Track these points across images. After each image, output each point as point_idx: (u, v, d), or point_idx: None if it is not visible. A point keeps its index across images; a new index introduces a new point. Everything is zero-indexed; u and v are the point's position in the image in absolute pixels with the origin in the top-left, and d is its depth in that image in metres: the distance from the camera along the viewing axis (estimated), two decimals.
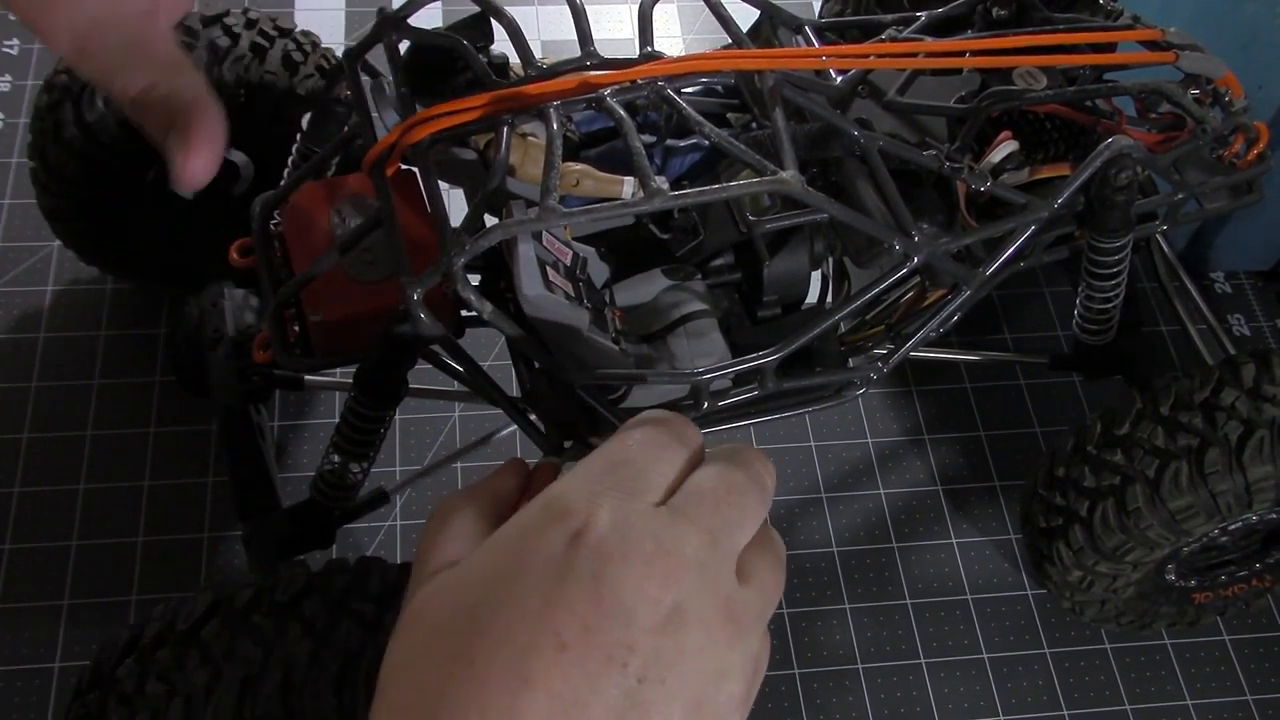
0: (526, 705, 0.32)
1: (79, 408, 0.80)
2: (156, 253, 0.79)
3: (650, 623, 0.33)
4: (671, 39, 1.07)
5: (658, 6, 0.60)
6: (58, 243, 0.81)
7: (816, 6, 0.90)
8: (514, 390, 0.61)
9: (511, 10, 0.57)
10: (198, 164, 0.47)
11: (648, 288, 0.60)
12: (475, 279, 0.62)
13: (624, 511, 0.35)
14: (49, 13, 0.48)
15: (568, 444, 0.53)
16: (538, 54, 0.56)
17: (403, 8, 0.57)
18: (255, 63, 0.70)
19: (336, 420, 0.60)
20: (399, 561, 0.58)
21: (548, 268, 0.53)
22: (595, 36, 0.57)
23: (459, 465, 0.80)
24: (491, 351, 0.84)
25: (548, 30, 1.04)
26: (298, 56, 0.72)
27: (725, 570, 0.36)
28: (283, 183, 0.58)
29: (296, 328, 0.58)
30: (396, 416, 0.72)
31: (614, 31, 1.06)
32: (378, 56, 0.58)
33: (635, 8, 0.60)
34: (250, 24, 0.72)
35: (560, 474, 0.45)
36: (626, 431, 0.39)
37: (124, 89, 0.50)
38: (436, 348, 0.56)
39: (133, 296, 0.85)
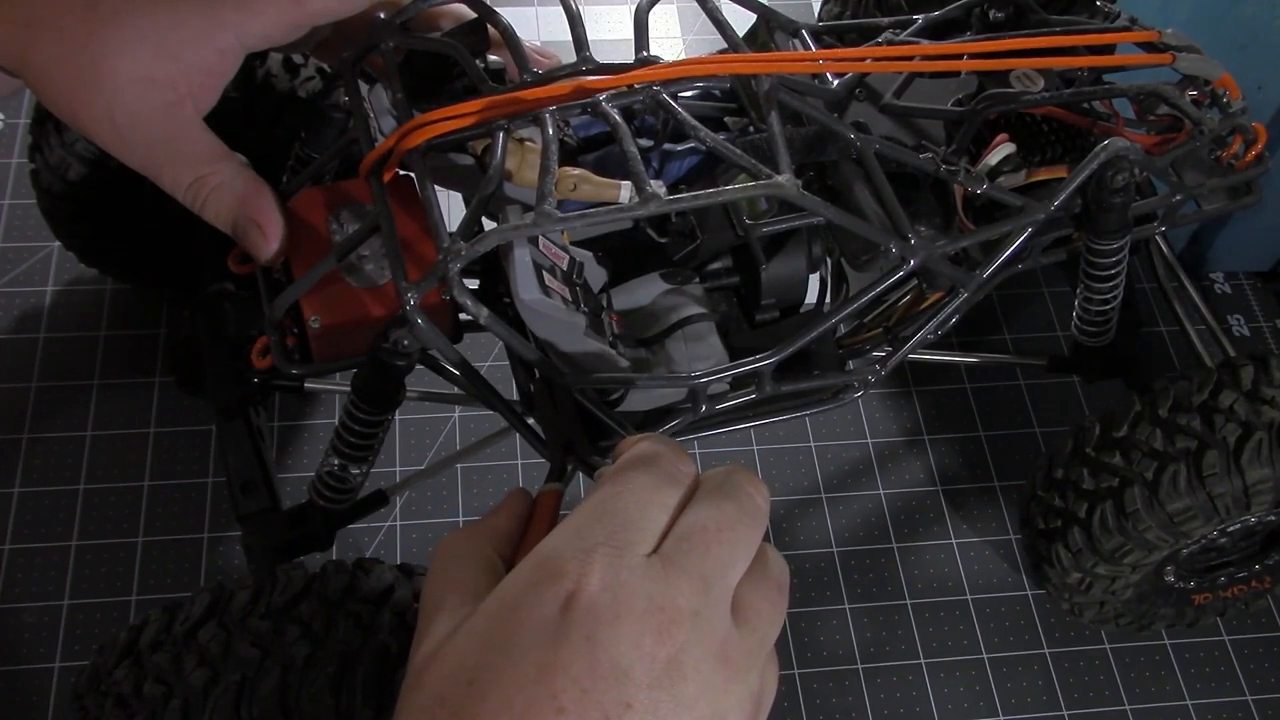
0: None
1: (79, 408, 0.80)
2: (156, 255, 0.79)
3: (646, 679, 0.34)
4: (671, 39, 1.07)
5: (658, 7, 0.60)
6: (58, 243, 0.81)
7: (816, 8, 0.90)
8: (513, 394, 0.61)
9: (511, 12, 0.57)
10: (275, 246, 0.54)
11: (645, 291, 0.60)
12: (473, 284, 0.62)
13: (615, 568, 0.35)
14: (87, 107, 0.49)
15: (569, 466, 0.53)
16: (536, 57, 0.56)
17: (400, 13, 0.57)
18: (256, 64, 0.70)
19: (336, 421, 0.60)
20: (398, 562, 0.58)
21: (544, 272, 0.53)
22: (596, 38, 0.57)
23: (459, 466, 0.81)
24: (490, 353, 0.84)
25: (547, 32, 1.04)
26: (298, 58, 0.72)
27: (720, 614, 0.36)
28: (281, 188, 0.58)
29: (296, 331, 0.58)
30: (396, 417, 0.72)
31: (615, 33, 1.06)
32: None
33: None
34: None
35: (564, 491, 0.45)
36: (618, 474, 0.39)
37: (173, 183, 0.53)
38: (434, 353, 0.56)
39: (133, 296, 0.85)
